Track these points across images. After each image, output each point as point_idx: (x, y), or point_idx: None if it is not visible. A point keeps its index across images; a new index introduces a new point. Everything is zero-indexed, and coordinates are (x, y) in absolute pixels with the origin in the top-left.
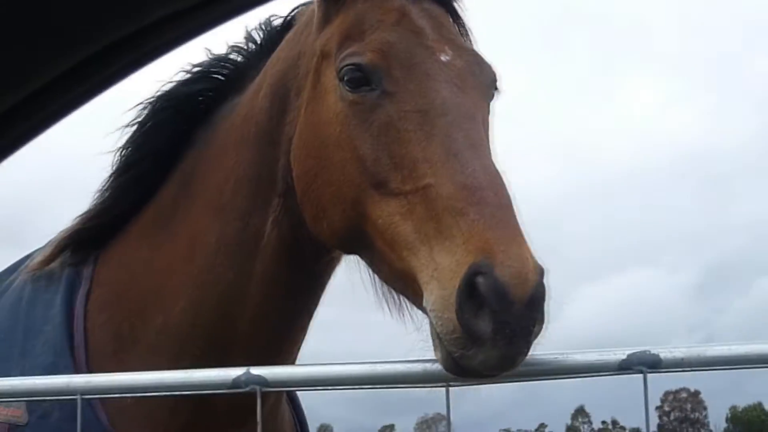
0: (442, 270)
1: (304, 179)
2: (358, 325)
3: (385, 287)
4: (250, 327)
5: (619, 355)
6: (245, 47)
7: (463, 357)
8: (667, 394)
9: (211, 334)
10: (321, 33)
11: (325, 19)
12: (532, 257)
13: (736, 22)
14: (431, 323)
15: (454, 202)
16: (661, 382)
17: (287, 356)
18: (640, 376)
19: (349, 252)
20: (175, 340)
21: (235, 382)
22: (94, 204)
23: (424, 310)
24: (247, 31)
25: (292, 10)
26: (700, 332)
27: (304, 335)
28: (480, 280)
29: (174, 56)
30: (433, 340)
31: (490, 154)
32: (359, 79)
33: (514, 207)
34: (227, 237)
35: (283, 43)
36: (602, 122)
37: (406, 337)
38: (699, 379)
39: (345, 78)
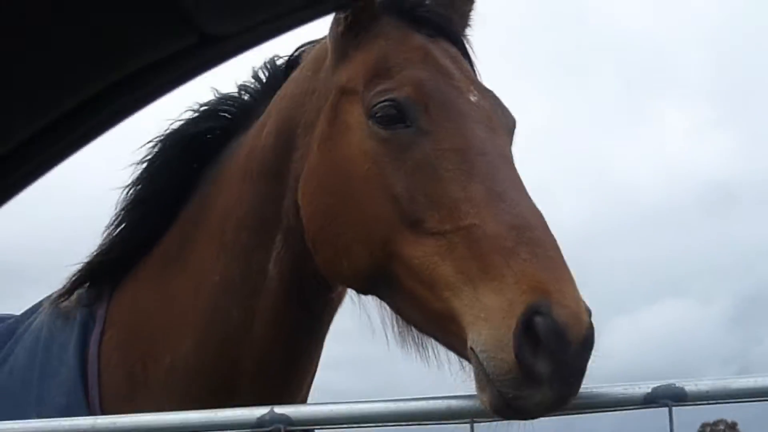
0: (491, 310)
1: (320, 218)
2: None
3: (408, 327)
4: (255, 366)
5: (644, 388)
6: (252, 86)
7: (517, 398)
8: (704, 425)
9: (217, 373)
10: (338, 70)
11: (342, 56)
12: (583, 298)
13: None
14: (479, 364)
15: (502, 241)
16: (699, 414)
17: (295, 395)
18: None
19: (368, 292)
20: (182, 381)
21: (260, 422)
22: (106, 239)
23: (460, 351)
24: (253, 70)
25: (296, 49)
26: (735, 364)
27: (313, 375)
28: (538, 320)
29: (179, 96)
30: (479, 381)
31: (529, 194)
32: (393, 116)
33: (561, 247)
34: (231, 275)
35: (289, 81)
36: (629, 151)
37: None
38: (736, 410)
39: (377, 115)
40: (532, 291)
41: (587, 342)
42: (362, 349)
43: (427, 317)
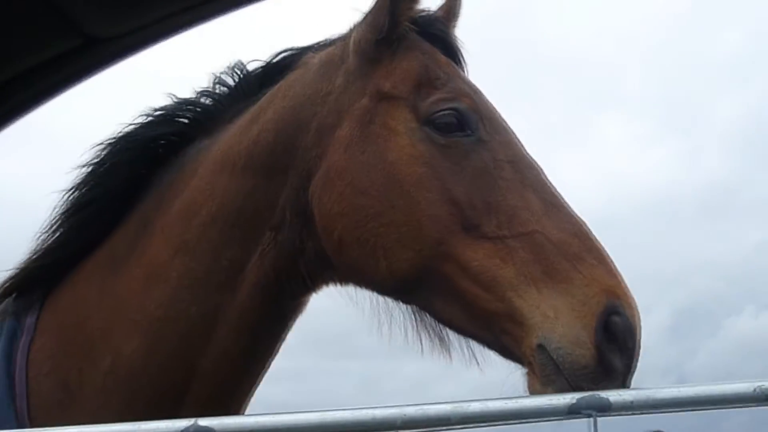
0: (563, 310)
1: (352, 217)
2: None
3: (437, 328)
4: (212, 365)
5: (568, 398)
6: (216, 91)
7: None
8: None
9: (168, 372)
10: (368, 76)
11: (374, 63)
12: None
13: (704, 66)
14: (549, 359)
15: (568, 248)
16: (641, 424)
17: (242, 401)
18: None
19: (396, 293)
20: (126, 382)
21: None
22: (39, 246)
23: (510, 350)
24: (215, 75)
25: (276, 54)
26: (673, 375)
27: (259, 382)
28: (616, 319)
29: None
30: (546, 376)
31: None
32: (453, 124)
33: None
34: (192, 271)
35: (289, 81)
36: (574, 167)
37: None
38: (673, 420)
39: (437, 122)
40: (605, 293)
41: (640, 341)
42: (299, 363)
43: (477, 317)
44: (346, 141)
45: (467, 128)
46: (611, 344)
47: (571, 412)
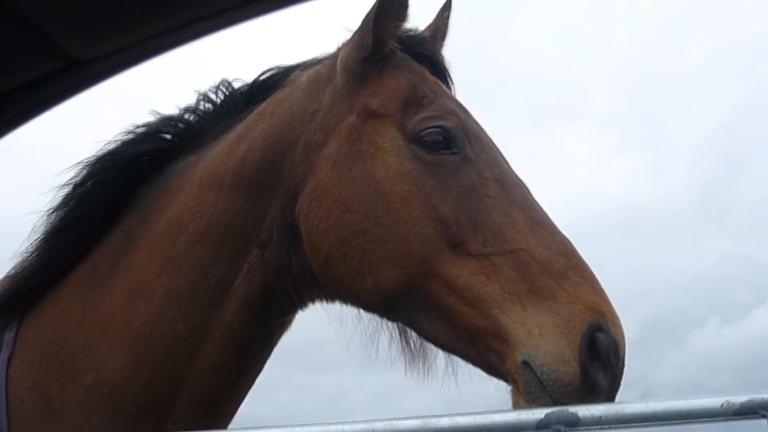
0: (547, 326)
1: (339, 234)
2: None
3: (422, 344)
4: (197, 381)
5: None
6: (201, 108)
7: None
8: None
9: (153, 389)
10: (355, 94)
11: (361, 81)
12: None
13: (670, 79)
14: (533, 376)
15: (553, 265)
16: None
17: (226, 417)
18: None
19: (382, 310)
20: (109, 398)
21: None
22: (22, 267)
23: (494, 366)
24: (200, 92)
25: (262, 73)
26: (638, 387)
27: (244, 397)
28: (600, 336)
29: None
30: (529, 393)
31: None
32: (440, 142)
33: None
34: (179, 288)
35: (277, 99)
36: (540, 180)
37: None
38: None
39: (424, 139)
40: (590, 310)
41: (625, 358)
42: (263, 375)
43: (462, 333)
44: (334, 158)
45: (454, 146)
46: (595, 361)
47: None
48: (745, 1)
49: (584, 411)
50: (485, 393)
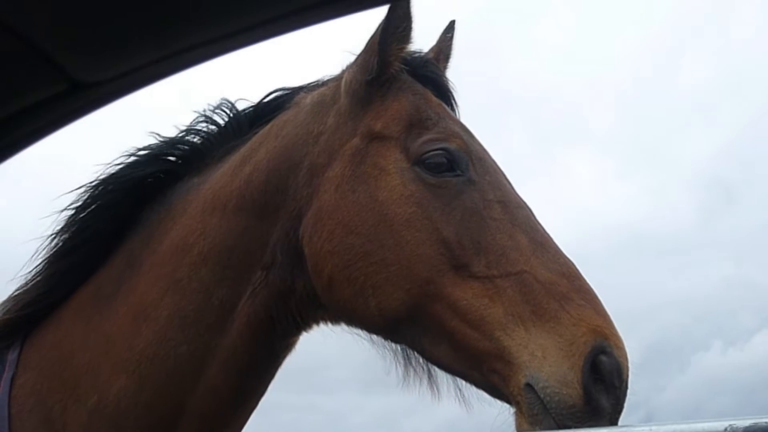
0: (550, 349)
1: (342, 257)
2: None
3: (425, 366)
4: (202, 403)
5: None
6: (204, 129)
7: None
8: None
9: (156, 411)
10: (359, 117)
11: (365, 104)
12: None
13: (672, 103)
14: (536, 398)
15: (556, 288)
16: None
17: None
18: None
19: (386, 332)
20: (111, 420)
21: None
22: (26, 289)
23: (497, 388)
24: (204, 113)
25: (268, 95)
26: (641, 411)
27: (248, 419)
28: (603, 359)
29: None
30: (532, 415)
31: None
32: (443, 164)
33: None
34: (183, 310)
35: (281, 121)
36: (543, 204)
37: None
38: None
39: (427, 161)
40: (593, 333)
41: (628, 381)
42: (264, 396)
43: (465, 356)
44: (337, 180)
45: (457, 168)
46: (598, 384)
47: None
48: (745, 29)
49: None
50: (488, 415)
